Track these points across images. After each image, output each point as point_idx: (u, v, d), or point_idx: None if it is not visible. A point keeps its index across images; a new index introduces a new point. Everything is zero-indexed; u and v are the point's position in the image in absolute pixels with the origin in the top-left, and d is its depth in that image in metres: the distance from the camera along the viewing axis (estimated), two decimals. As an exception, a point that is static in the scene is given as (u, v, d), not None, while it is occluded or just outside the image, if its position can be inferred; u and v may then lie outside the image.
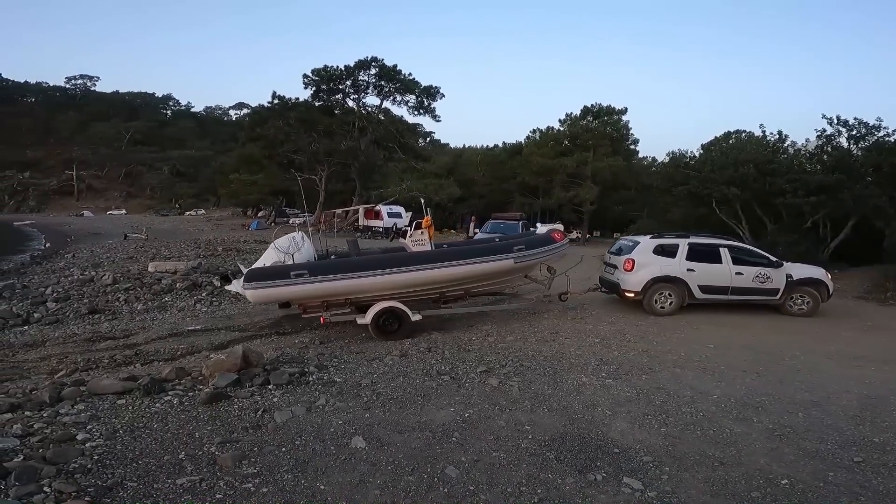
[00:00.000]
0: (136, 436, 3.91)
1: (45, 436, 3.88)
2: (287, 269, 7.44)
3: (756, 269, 9.74)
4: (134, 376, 5.74)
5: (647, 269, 9.57)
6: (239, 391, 5.02)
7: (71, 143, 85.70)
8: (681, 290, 9.58)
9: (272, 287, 7.38)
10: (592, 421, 4.54)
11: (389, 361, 6.30)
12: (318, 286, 7.46)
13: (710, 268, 9.62)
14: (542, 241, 8.89)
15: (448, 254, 8.27)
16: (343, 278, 7.50)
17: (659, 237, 10.39)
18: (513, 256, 8.22)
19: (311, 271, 7.44)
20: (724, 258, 9.72)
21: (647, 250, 9.80)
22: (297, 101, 35.73)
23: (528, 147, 43.79)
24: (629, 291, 9.64)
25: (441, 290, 8.34)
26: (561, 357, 6.60)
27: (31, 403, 4.82)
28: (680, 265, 9.60)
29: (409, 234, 8.79)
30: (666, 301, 9.59)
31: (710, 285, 9.64)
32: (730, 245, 10.03)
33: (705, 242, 10.04)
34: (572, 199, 39.06)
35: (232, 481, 3.23)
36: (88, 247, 24.47)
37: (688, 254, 9.70)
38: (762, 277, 9.73)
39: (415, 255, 8.13)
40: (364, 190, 36.92)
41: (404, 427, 4.20)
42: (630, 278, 9.64)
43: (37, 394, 5.22)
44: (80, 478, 3.18)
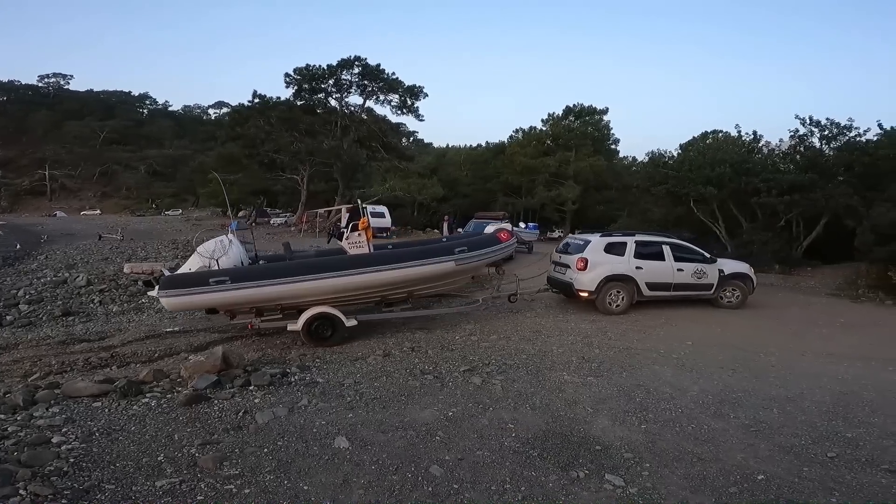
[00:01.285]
0: (112, 438, 3.83)
1: (20, 439, 3.79)
2: (206, 276, 6.96)
3: (694, 266, 10.01)
4: (110, 379, 5.64)
5: (599, 268, 9.53)
6: (219, 393, 4.95)
7: (44, 142, 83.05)
8: (630, 289, 9.60)
9: (190, 295, 6.88)
10: (574, 419, 4.58)
11: (372, 361, 6.29)
12: (241, 293, 6.95)
13: (655, 265, 9.77)
14: (485, 242, 8.59)
15: (385, 257, 7.88)
16: (269, 284, 7.00)
17: (608, 235, 10.49)
18: (454, 258, 7.91)
19: (234, 277, 6.96)
20: (667, 255, 9.96)
21: (599, 249, 9.76)
22: (279, 100, 35.24)
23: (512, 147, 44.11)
24: (583, 291, 9.54)
25: (380, 293, 7.99)
26: (544, 355, 6.66)
27: (5, 406, 4.71)
28: (629, 263, 9.65)
29: (346, 237, 8.40)
30: (617, 300, 9.55)
31: (656, 282, 9.75)
32: (671, 242, 10.17)
33: (650, 240, 10.22)
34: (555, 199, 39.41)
35: (213, 483, 3.19)
36: (62, 248, 23.80)
37: (635, 252, 9.75)
38: (699, 273, 10.00)
39: (349, 259, 7.76)
40: (347, 190, 36.61)
41: (388, 427, 4.19)
42: (583, 278, 9.55)
43: (10, 397, 5.10)
44: (57, 480, 3.12)
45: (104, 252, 20.51)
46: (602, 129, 43.05)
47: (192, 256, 7.69)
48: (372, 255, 7.99)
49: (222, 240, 7.70)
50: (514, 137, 46.81)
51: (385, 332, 7.99)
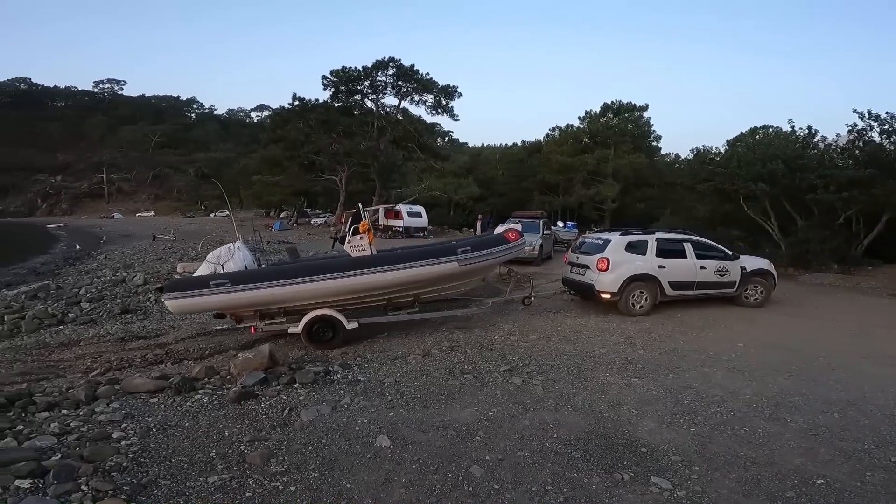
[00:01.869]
0: (168, 434, 4.01)
1: (82, 434, 3.99)
2: (206, 279, 7.10)
3: (717, 263, 9.67)
4: (165, 375, 5.90)
5: (622, 268, 9.13)
6: (266, 390, 5.11)
7: (100, 146, 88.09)
8: (654, 289, 9.24)
9: (191, 297, 7.03)
10: (618, 420, 4.49)
11: (412, 360, 6.33)
12: (240, 296, 7.02)
13: (677, 263, 9.42)
14: (490, 243, 8.34)
15: (386, 258, 7.74)
16: (267, 287, 7.06)
17: (628, 234, 9.92)
18: (457, 259, 7.66)
19: (233, 280, 7.05)
20: (689, 253, 9.53)
21: (620, 248, 9.36)
22: (317, 102, 36.05)
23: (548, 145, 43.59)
24: (605, 293, 9.12)
25: (384, 296, 7.83)
26: (585, 356, 6.54)
27: (68, 402, 4.97)
28: (651, 262, 9.28)
29: (348, 240, 8.35)
30: (641, 300, 9.18)
31: (679, 281, 9.39)
32: (693, 240, 9.81)
33: (671, 238, 9.87)
34: (593, 197, 38.65)
35: (261, 479, 3.28)
36: (119, 248, 25.21)
37: (657, 250, 9.38)
38: (722, 271, 9.66)
39: (349, 261, 7.68)
40: (384, 190, 37.10)
41: (428, 426, 4.22)
42: (605, 279, 9.12)
43: (73, 392, 5.39)
44: (117, 476, 3.26)
45: (158, 252, 21.59)
46: (642, 126, 41.95)
47: (203, 263, 7.91)
48: (372, 256, 7.85)
49: (230, 246, 7.88)
50: (550, 136, 46.25)
51: (424, 331, 8.03)
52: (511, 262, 9.17)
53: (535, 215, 23.05)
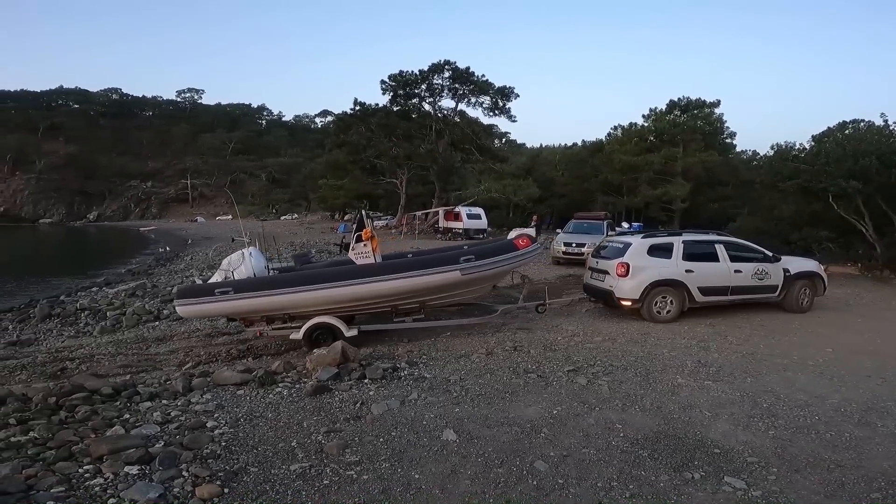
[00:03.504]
0: (254, 424, 4.33)
1: (181, 423, 4.37)
2: (212, 287, 7.44)
3: (754, 266, 8.92)
4: (249, 369, 6.31)
5: (643, 272, 8.54)
6: (339, 384, 5.38)
7: (184, 153, 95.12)
8: (680, 294, 8.63)
9: (198, 304, 7.36)
10: (690, 422, 4.39)
11: (476, 359, 6.44)
12: (242, 303, 7.29)
13: (708, 267, 8.74)
14: (496, 250, 8.09)
15: (387, 267, 7.70)
16: (267, 295, 7.26)
17: (651, 236, 9.41)
18: (459, 268, 7.54)
19: (236, 288, 7.30)
20: (722, 255, 8.84)
21: (641, 252, 8.77)
22: (377, 106, 37.07)
23: (610, 144, 42.30)
24: (625, 300, 8.60)
25: (384, 303, 7.86)
26: (653, 358, 6.38)
27: (167, 393, 5.44)
28: (677, 266, 8.63)
29: (352, 248, 8.26)
30: (666, 307, 8.61)
31: (711, 286, 8.72)
32: (725, 241, 9.17)
33: (700, 239, 9.25)
34: (661, 197, 37.06)
35: (337, 468, 3.50)
36: (202, 250, 27.24)
37: (684, 253, 8.73)
38: (760, 274, 8.90)
39: (351, 270, 7.73)
40: (443, 192, 37.54)
41: (493, 422, 4.31)
42: (625, 285, 8.58)
43: (171, 384, 5.88)
44: (212, 463, 3.55)
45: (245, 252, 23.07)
46: (714, 123, 39.81)
47: (219, 270, 8.28)
48: (373, 265, 7.80)
49: (242, 253, 8.11)
50: (612, 135, 44.89)
51: (486, 332, 8.11)
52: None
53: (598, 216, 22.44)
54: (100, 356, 8.61)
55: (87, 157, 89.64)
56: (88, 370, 7.62)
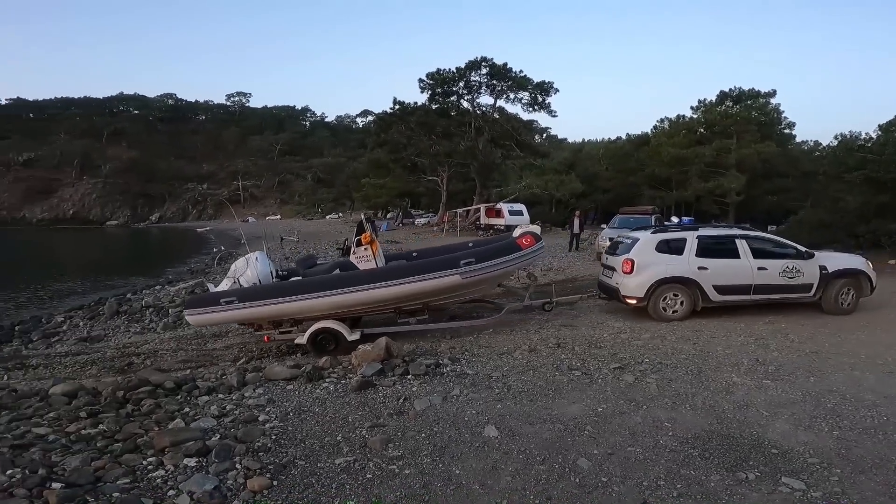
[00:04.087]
0: (302, 418, 4.46)
1: (235, 417, 4.53)
2: (217, 296, 7.62)
3: (782, 262, 8.27)
4: (298, 364, 6.52)
5: (649, 269, 8.22)
6: (383, 380, 5.46)
7: (235, 155, 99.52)
8: (692, 293, 8.22)
9: (206, 313, 7.60)
10: (745, 421, 4.21)
11: (518, 356, 6.39)
12: (247, 311, 7.50)
13: (725, 264, 8.24)
14: (498, 252, 8.00)
15: (385, 273, 7.77)
16: (270, 303, 7.45)
17: (661, 231, 9.01)
18: (459, 272, 7.53)
19: (240, 297, 7.48)
20: (743, 251, 8.27)
21: (649, 248, 8.45)
22: (416, 105, 37.38)
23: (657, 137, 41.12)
24: (630, 297, 8.35)
25: (385, 307, 7.95)
26: (706, 356, 6.14)
27: (223, 387, 5.67)
28: (689, 263, 8.22)
29: (353, 251, 8.36)
30: (675, 305, 8.26)
31: (728, 284, 8.21)
32: (748, 235, 8.57)
33: (718, 234, 8.77)
34: (713, 190, 35.60)
35: (380, 462, 3.56)
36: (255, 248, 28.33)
37: (697, 249, 8.29)
38: (790, 271, 8.24)
39: (352, 276, 7.82)
40: (484, 189, 37.45)
41: (535, 419, 4.27)
42: (630, 282, 8.30)
43: (226, 378, 6.15)
44: (263, 456, 3.67)
45: (285, 252, 23.99)
46: (770, 113, 37.95)
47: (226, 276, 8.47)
48: (373, 271, 7.90)
49: (248, 258, 8.25)
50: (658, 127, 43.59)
51: (529, 328, 8.05)
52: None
53: (646, 210, 21.77)
54: (162, 351, 9.14)
55: (148, 162, 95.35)
56: (152, 365, 8.12)
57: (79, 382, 6.19)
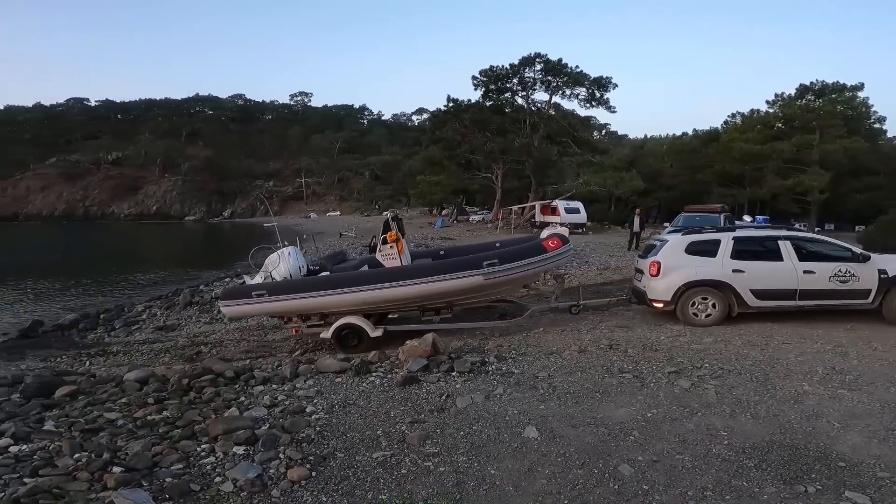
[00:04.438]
0: (347, 411, 4.56)
1: (285, 407, 4.69)
2: (250, 289, 7.90)
3: (833, 266, 7.62)
4: (348, 358, 6.68)
5: (677, 272, 7.84)
6: (427, 376, 5.48)
7: (299, 153, 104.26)
8: (726, 297, 7.69)
9: (239, 305, 7.95)
10: (813, 432, 3.90)
11: (567, 356, 6.22)
12: (277, 305, 7.80)
13: (765, 267, 7.70)
14: (522, 254, 7.94)
15: (409, 271, 7.86)
16: (297, 298, 7.72)
17: (694, 232, 8.56)
18: (482, 273, 7.53)
19: (270, 291, 7.75)
20: (786, 253, 7.66)
21: (678, 250, 8.07)
22: (470, 102, 37.31)
23: (728, 133, 39.07)
24: (657, 301, 8.00)
25: (409, 305, 8.09)
26: (774, 363, 5.72)
27: (277, 378, 5.88)
28: (723, 266, 7.73)
29: (379, 249, 8.50)
30: (706, 310, 7.77)
31: (768, 289, 7.62)
32: (793, 237, 8.00)
33: (758, 235, 8.36)
34: (793, 188, 33.27)
35: (416, 458, 3.58)
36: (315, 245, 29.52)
37: (733, 251, 7.79)
38: (843, 276, 7.55)
39: (377, 273, 7.95)
40: (540, 186, 36.85)
41: (579, 421, 4.14)
42: (657, 285, 7.95)
43: (281, 369, 6.37)
44: (305, 447, 3.78)
45: (343, 247, 24.77)
46: (857, 107, 35.00)
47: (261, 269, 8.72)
48: (397, 269, 8.00)
49: (280, 253, 8.48)
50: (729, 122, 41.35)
51: (581, 328, 7.82)
52: None
53: (714, 209, 20.61)
54: (227, 342, 9.69)
55: (221, 160, 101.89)
56: (217, 354, 8.62)
57: (150, 370, 6.63)
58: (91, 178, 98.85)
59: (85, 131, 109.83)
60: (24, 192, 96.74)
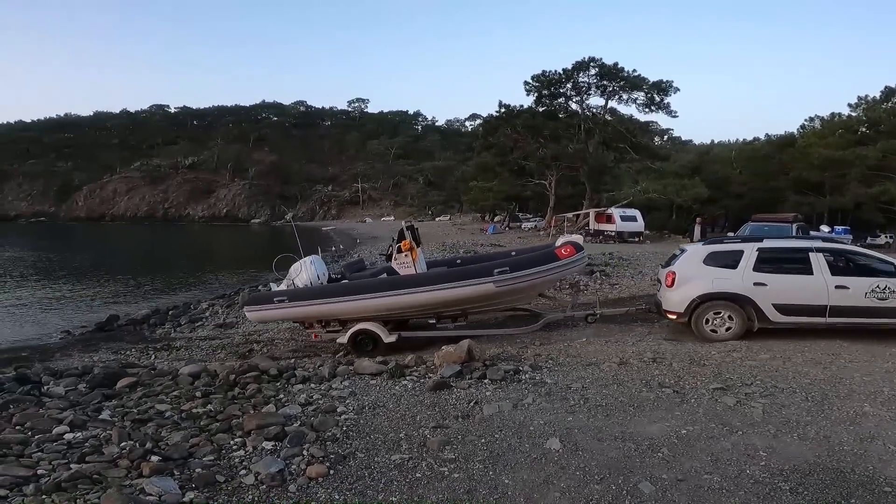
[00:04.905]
0: (376, 413, 4.65)
1: (318, 406, 4.86)
2: (271, 296, 8.34)
3: (871, 281, 7.02)
4: (385, 361, 6.82)
5: (692, 283, 7.52)
6: (459, 382, 5.48)
7: (356, 159, 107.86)
8: (745, 311, 7.25)
9: (261, 310, 8.40)
10: (863, 455, 3.61)
11: (606, 368, 6.02)
12: (296, 310, 8.21)
13: (792, 280, 7.24)
14: (533, 262, 8.06)
15: (423, 279, 8.08)
16: (315, 304, 8.07)
17: (715, 242, 8.28)
18: (493, 280, 7.67)
19: (290, 297, 8.13)
20: (817, 266, 7.12)
21: (695, 260, 7.73)
22: (522, 108, 37.00)
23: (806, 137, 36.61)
24: (671, 312, 7.70)
25: (423, 312, 8.25)
26: (837, 382, 5.28)
27: (316, 377, 6.12)
28: (743, 278, 7.29)
29: (395, 258, 8.74)
30: (725, 324, 7.36)
31: (794, 304, 7.14)
32: (827, 249, 7.47)
33: (785, 247, 7.93)
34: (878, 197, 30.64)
35: (432, 463, 3.59)
36: (368, 248, 30.31)
37: (756, 263, 7.35)
38: (883, 292, 6.93)
39: (391, 281, 8.24)
40: (595, 193, 35.90)
41: (605, 435, 4.00)
42: (672, 296, 7.66)
43: (321, 369, 6.64)
44: (329, 445, 3.88)
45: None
46: None
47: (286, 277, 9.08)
48: (410, 277, 8.26)
49: (304, 261, 8.82)
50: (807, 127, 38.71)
51: (626, 339, 7.60)
52: None
53: (784, 218, 19.33)
54: (278, 340, 10.13)
55: (284, 165, 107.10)
56: (267, 352, 9.04)
57: (203, 365, 7.08)
58: (170, 182, 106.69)
59: (165, 137, 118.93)
60: (111, 195, 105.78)
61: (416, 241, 9.05)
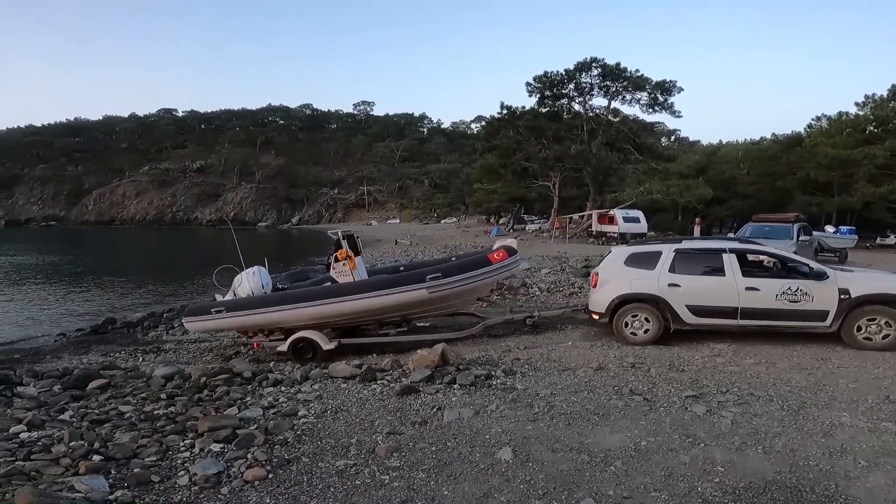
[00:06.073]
0: (336, 417, 4.56)
1: (280, 409, 4.78)
2: (209, 306, 8.49)
3: (783, 283, 6.88)
4: (362, 364, 6.72)
5: (612, 284, 7.54)
6: (428, 387, 5.39)
7: (361, 162, 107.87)
8: (660, 313, 7.19)
9: (200, 321, 8.54)
10: (829, 471, 3.44)
11: (582, 374, 5.90)
12: (233, 321, 8.34)
13: (703, 281, 7.15)
14: (464, 267, 8.18)
15: (356, 287, 8.15)
16: (253, 314, 8.16)
17: (640, 243, 8.27)
18: (425, 286, 7.79)
19: (228, 308, 8.25)
20: (730, 268, 7.03)
21: (618, 261, 7.76)
22: (524, 109, 36.83)
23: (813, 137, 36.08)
24: (595, 313, 7.76)
25: (367, 318, 8.38)
26: (819, 389, 5.11)
27: (288, 380, 6.06)
28: (659, 279, 7.23)
29: (333, 267, 8.85)
30: (642, 326, 7.30)
31: (706, 306, 7.06)
32: (742, 249, 7.39)
33: (699, 248, 7.76)
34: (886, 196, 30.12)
35: (375, 470, 3.50)
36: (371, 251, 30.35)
37: (672, 264, 7.28)
38: (794, 294, 6.75)
39: (323, 290, 8.33)
40: (599, 194, 35.63)
41: (562, 446, 3.88)
42: (595, 297, 7.75)
43: (295, 372, 6.61)
44: (277, 449, 3.81)
45: (397, 255, 25.28)
46: None
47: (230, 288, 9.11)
48: (347, 285, 8.31)
49: (247, 272, 8.86)
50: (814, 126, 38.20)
51: (613, 343, 7.40)
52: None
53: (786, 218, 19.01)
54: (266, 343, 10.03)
55: (291, 168, 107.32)
56: (253, 355, 8.98)
57: (177, 367, 7.05)
58: (178, 186, 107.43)
59: (174, 141, 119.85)
60: (121, 199, 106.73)
61: (354, 249, 9.11)
